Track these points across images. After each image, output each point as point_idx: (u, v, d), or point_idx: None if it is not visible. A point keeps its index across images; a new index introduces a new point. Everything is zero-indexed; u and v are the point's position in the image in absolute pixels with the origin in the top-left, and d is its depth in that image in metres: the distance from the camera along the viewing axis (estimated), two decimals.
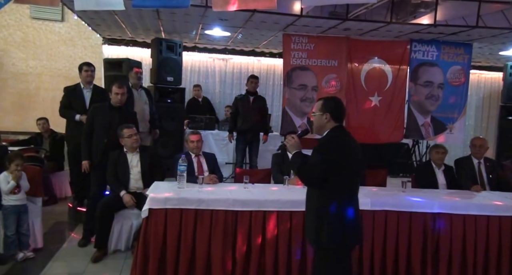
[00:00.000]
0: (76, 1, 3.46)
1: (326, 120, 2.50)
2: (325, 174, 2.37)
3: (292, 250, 3.38)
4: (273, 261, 3.35)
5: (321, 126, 2.53)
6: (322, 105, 2.53)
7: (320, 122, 2.52)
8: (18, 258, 3.77)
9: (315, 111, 2.56)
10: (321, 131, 2.54)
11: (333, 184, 2.40)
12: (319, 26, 5.36)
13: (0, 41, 7.48)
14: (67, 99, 5.05)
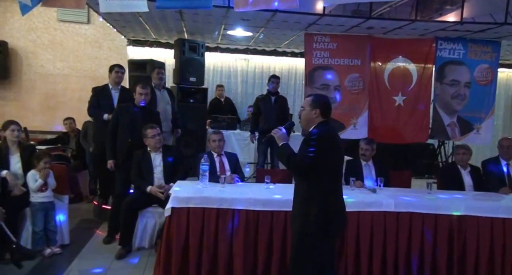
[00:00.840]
0: (101, 3, 3.53)
1: (315, 115, 2.63)
2: (313, 165, 2.50)
3: None
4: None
5: (309, 121, 2.66)
6: (312, 101, 2.66)
7: (309, 116, 2.65)
8: (46, 253, 3.88)
9: (305, 106, 2.68)
10: (309, 125, 2.67)
11: (320, 174, 2.54)
12: (341, 25, 5.31)
13: (28, 43, 7.71)
14: (96, 99, 5.16)
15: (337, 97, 5.80)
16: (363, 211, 3.46)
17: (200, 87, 6.28)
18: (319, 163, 2.50)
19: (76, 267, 3.74)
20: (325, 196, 2.56)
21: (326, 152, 2.52)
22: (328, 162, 2.54)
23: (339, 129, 5.82)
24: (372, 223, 3.46)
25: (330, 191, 2.60)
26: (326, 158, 2.52)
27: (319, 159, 2.49)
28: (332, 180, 2.62)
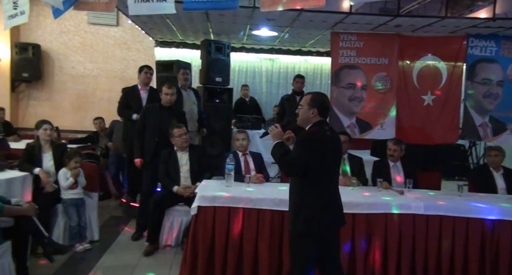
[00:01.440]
0: (130, 6, 3.60)
1: (312, 114, 2.60)
2: (305, 165, 2.48)
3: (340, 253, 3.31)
4: None
5: (306, 119, 2.63)
6: (310, 100, 2.63)
7: (306, 115, 2.62)
8: (77, 249, 4.00)
9: (303, 105, 2.65)
10: (306, 124, 2.64)
11: (312, 175, 2.51)
12: (368, 23, 5.22)
13: (60, 45, 7.95)
14: (125, 99, 5.28)
15: (364, 97, 5.71)
16: (391, 213, 3.40)
17: (226, 87, 6.32)
18: (310, 165, 2.47)
19: (105, 262, 3.83)
20: (316, 197, 2.53)
21: (317, 154, 2.49)
22: (320, 164, 2.51)
23: (366, 129, 5.73)
24: (400, 225, 3.39)
25: (321, 192, 2.55)
26: (317, 159, 2.48)
27: (310, 160, 2.47)
28: (324, 181, 2.57)
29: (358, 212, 3.38)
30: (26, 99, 7.93)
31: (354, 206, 3.39)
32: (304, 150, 2.49)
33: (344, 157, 4.38)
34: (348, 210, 3.33)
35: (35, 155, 4.17)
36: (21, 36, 7.79)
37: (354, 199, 3.49)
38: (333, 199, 2.63)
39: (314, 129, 2.57)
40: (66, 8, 3.75)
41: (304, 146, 2.51)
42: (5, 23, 4.11)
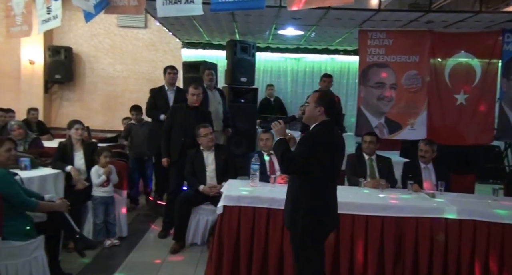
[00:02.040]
0: (158, 8, 3.65)
1: (318, 112, 2.56)
2: (306, 164, 2.45)
3: (368, 256, 3.25)
4: (348, 264, 3.25)
5: (312, 117, 2.60)
6: (317, 98, 2.58)
7: (312, 113, 2.58)
8: (106, 244, 4.09)
9: (310, 102, 2.61)
10: (311, 122, 2.61)
11: (313, 174, 2.48)
12: (398, 19, 5.10)
13: (91, 48, 8.16)
14: (153, 100, 5.37)
15: (393, 96, 5.58)
16: (422, 217, 3.30)
17: (251, 87, 6.32)
18: (311, 164, 2.44)
19: (133, 258, 3.91)
20: (315, 196, 2.50)
21: (320, 153, 2.45)
22: (322, 163, 2.47)
23: (395, 129, 5.60)
24: (431, 230, 3.28)
25: (321, 192, 2.52)
26: (320, 159, 2.45)
27: (312, 159, 2.44)
28: (324, 181, 2.54)
29: (387, 215, 3.29)
30: (59, 100, 8.18)
31: (383, 209, 3.32)
32: (308, 149, 2.46)
33: (372, 158, 4.29)
34: (377, 213, 3.29)
35: (67, 153, 4.29)
36: (54, 40, 8.04)
37: (383, 202, 3.41)
38: (332, 200, 2.60)
39: (320, 128, 2.54)
40: (97, 12, 3.84)
41: (308, 145, 2.48)
42: (39, 27, 4.25)
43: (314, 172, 2.47)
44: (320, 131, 2.53)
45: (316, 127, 2.57)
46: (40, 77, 7.82)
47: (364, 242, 3.27)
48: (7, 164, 3.16)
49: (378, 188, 3.86)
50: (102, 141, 6.25)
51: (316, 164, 2.45)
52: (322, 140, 2.49)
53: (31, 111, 6.49)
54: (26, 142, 4.83)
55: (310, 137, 2.53)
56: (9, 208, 2.96)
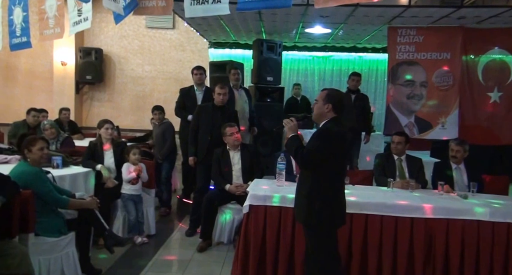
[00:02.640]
0: (186, 9, 3.68)
1: (327, 110, 2.66)
2: (320, 159, 2.56)
3: (398, 258, 3.18)
4: (376, 267, 3.19)
5: (321, 115, 2.70)
6: (326, 96, 2.69)
7: (321, 111, 2.69)
8: (137, 242, 4.17)
9: (318, 100, 2.71)
10: (320, 119, 2.71)
11: (326, 169, 2.60)
12: (429, 16, 4.96)
13: (121, 49, 8.34)
14: (182, 100, 5.46)
15: (424, 94, 5.44)
16: (453, 219, 3.20)
17: (277, 86, 6.30)
18: (324, 159, 2.55)
19: (161, 256, 3.97)
20: (329, 190, 2.62)
21: (332, 149, 2.57)
22: (334, 159, 2.59)
23: (426, 129, 5.46)
24: (463, 232, 3.18)
25: (333, 186, 2.65)
26: (332, 154, 2.57)
27: (325, 154, 2.55)
28: (336, 175, 2.67)
29: (417, 217, 3.21)
30: (89, 100, 8.40)
31: (413, 210, 3.24)
32: (321, 144, 2.55)
33: (401, 158, 4.19)
34: (406, 214, 3.22)
35: (97, 152, 4.40)
36: (85, 41, 8.27)
37: (413, 203, 3.32)
38: (342, 194, 2.74)
39: (331, 125, 2.64)
40: (127, 14, 3.90)
41: (321, 140, 2.57)
42: (70, 29, 4.36)
43: (326, 167, 2.58)
44: (331, 127, 2.63)
45: (327, 123, 2.66)
46: (71, 78, 8.06)
47: (393, 244, 3.20)
48: (40, 162, 3.26)
49: (408, 189, 3.77)
50: (131, 141, 6.37)
51: (327, 159, 2.56)
52: (333, 136, 2.59)
53: (63, 111, 6.69)
54: (58, 141, 4.99)
55: (321, 134, 2.62)
56: (41, 205, 3.06)
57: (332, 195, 2.64)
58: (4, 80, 8.32)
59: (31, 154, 3.18)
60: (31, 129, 5.67)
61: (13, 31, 5.07)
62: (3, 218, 2.68)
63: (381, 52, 7.54)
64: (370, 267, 3.19)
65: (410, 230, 3.20)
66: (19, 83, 8.32)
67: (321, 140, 2.57)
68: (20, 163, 3.30)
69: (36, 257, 2.91)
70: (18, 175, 3.03)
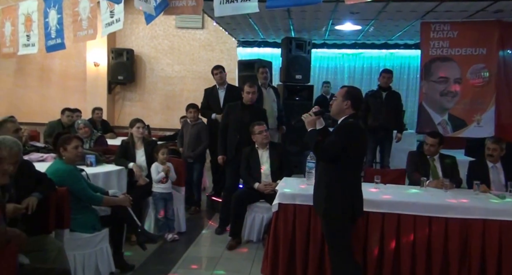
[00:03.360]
0: (215, 8, 3.69)
1: (346, 106, 2.74)
2: (340, 152, 2.62)
3: (432, 259, 3.09)
4: (410, 268, 3.11)
5: (340, 111, 2.77)
6: (345, 93, 2.77)
7: (340, 107, 2.76)
8: (168, 238, 4.23)
9: (337, 97, 2.78)
10: (339, 115, 2.79)
11: (344, 162, 2.67)
12: (464, 10, 4.79)
13: (151, 49, 8.50)
14: (206, 99, 5.52)
15: (458, 91, 5.26)
16: (489, 219, 3.07)
17: (306, 84, 6.24)
18: (344, 153, 2.62)
19: (191, 253, 4.02)
20: (349, 182, 2.71)
21: (353, 143, 2.65)
22: (352, 152, 2.66)
23: (460, 127, 5.29)
24: (500, 233, 3.05)
25: (352, 178, 2.75)
26: (351, 148, 2.64)
27: (344, 149, 2.62)
28: (355, 169, 2.78)
29: (452, 217, 3.11)
30: (121, 100, 8.61)
31: (447, 209, 3.14)
32: (341, 138, 2.63)
33: (434, 157, 4.07)
34: (440, 214, 3.12)
35: (129, 151, 4.50)
36: (116, 42, 8.47)
37: (447, 202, 3.22)
38: (360, 186, 2.82)
39: (351, 120, 2.72)
40: (158, 14, 3.96)
41: (342, 134, 2.66)
42: (103, 30, 4.47)
43: (344, 159, 2.65)
44: (351, 123, 2.72)
45: (347, 119, 2.73)
46: (104, 79, 8.28)
47: (426, 244, 3.12)
48: (75, 160, 3.36)
49: (442, 188, 3.66)
50: (161, 139, 6.48)
51: (348, 153, 2.63)
52: (356, 130, 2.71)
53: (95, 111, 6.87)
54: (91, 140, 5.13)
55: (341, 129, 2.72)
56: (76, 202, 3.15)
57: (351, 186, 2.73)
58: (40, 81, 8.64)
59: (66, 152, 3.28)
60: (66, 129, 5.84)
61: (48, 33, 5.25)
62: (40, 214, 2.76)
63: (414, 48, 7.35)
64: (403, 268, 3.12)
65: (444, 231, 3.11)
66: (54, 84, 8.62)
67: (341, 134, 2.67)
68: (55, 161, 3.41)
69: (71, 252, 2.99)
70: (53, 173, 3.13)
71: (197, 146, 5.28)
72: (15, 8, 5.81)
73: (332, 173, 2.70)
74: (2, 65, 8.53)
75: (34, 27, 5.51)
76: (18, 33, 5.77)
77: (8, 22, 6.01)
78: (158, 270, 3.58)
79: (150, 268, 3.63)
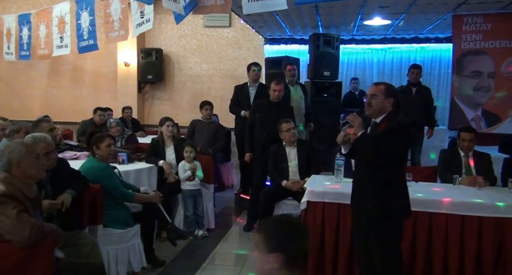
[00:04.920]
0: (244, 6, 3.70)
1: (388, 104, 2.59)
2: (401, 154, 2.61)
3: (465, 259, 3.01)
4: (442, 268, 3.04)
5: (382, 110, 2.61)
6: (386, 90, 2.61)
7: (382, 106, 2.60)
8: (199, 235, 4.29)
9: (378, 95, 2.59)
10: (379, 114, 2.62)
11: (399, 162, 2.63)
12: (498, 1, 4.61)
13: (180, 48, 8.61)
14: (236, 96, 5.54)
15: (492, 86, 5.08)
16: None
17: (334, 81, 6.17)
18: (404, 153, 2.65)
19: (221, 249, 4.07)
20: (400, 180, 2.65)
21: (409, 143, 2.73)
22: (406, 152, 2.72)
23: (494, 122, 5.11)
24: None
25: (404, 176, 2.71)
26: (408, 147, 2.72)
27: (404, 148, 2.64)
28: (403, 169, 2.74)
29: (486, 215, 3.02)
30: (151, 99, 8.76)
31: (481, 208, 3.05)
32: (402, 139, 2.56)
33: (468, 154, 3.95)
34: (474, 212, 3.04)
35: (159, 149, 4.58)
36: (146, 42, 8.62)
37: (482, 200, 3.13)
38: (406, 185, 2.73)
39: (404, 121, 2.77)
40: (187, 13, 4.00)
41: (402, 135, 2.56)
42: (134, 30, 4.57)
43: (400, 160, 2.63)
44: (404, 122, 2.70)
45: (388, 119, 2.59)
46: (134, 78, 8.44)
47: (459, 244, 3.04)
48: (108, 158, 3.46)
49: (475, 186, 3.54)
50: None
51: (403, 152, 2.66)
52: (408, 130, 2.66)
53: (125, 110, 7.02)
54: (123, 139, 5.24)
55: (401, 127, 2.59)
56: (109, 199, 3.24)
57: (404, 184, 2.67)
58: (72, 81, 8.90)
59: (99, 150, 3.38)
60: (98, 127, 6.00)
61: (80, 35, 5.41)
62: (75, 210, 2.86)
63: (445, 42, 7.13)
64: (435, 268, 3.05)
65: (478, 230, 3.02)
66: (86, 84, 8.86)
67: (402, 135, 2.56)
68: (89, 159, 3.52)
69: (104, 247, 3.07)
70: (87, 170, 3.22)
71: (214, 143, 5.33)
72: (49, 11, 6.02)
73: (386, 174, 2.57)
74: (37, 67, 8.83)
75: (67, 29, 5.70)
76: (52, 35, 5.99)
77: (43, 25, 6.24)
78: (188, 265, 3.65)
79: (181, 263, 3.70)
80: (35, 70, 8.90)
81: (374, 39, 7.53)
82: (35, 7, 7.30)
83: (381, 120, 2.62)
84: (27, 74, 8.92)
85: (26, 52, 6.79)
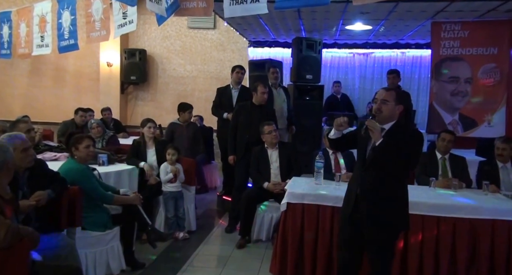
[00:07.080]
0: (225, 9, 3.73)
1: (398, 111, 2.52)
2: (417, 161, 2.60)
3: (439, 259, 3.09)
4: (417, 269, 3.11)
5: (391, 116, 2.53)
6: (397, 96, 2.54)
7: (392, 112, 2.52)
8: (180, 237, 4.27)
9: (389, 100, 2.50)
10: (388, 120, 2.53)
11: (406, 170, 2.61)
12: (475, 10, 4.75)
13: (163, 49, 8.58)
14: (218, 98, 5.56)
15: (469, 91, 5.22)
16: (499, 220, 3.07)
17: (316, 84, 6.25)
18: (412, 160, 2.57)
19: (202, 251, 4.07)
20: (406, 189, 2.60)
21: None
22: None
23: (470, 126, 5.25)
24: (509, 234, 3.04)
25: (406, 186, 2.63)
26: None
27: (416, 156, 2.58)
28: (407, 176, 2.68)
29: (461, 217, 3.11)
30: (134, 99, 8.71)
31: (456, 209, 3.13)
32: (418, 147, 2.56)
33: (445, 157, 4.06)
34: (449, 214, 3.11)
35: (140, 150, 4.56)
36: (129, 43, 8.57)
37: (456, 202, 3.22)
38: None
39: (415, 128, 2.60)
40: (169, 15, 4.00)
41: (417, 142, 2.54)
42: (116, 31, 4.54)
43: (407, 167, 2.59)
44: (416, 130, 2.65)
45: (400, 125, 2.54)
46: (117, 79, 8.38)
47: (434, 245, 3.11)
48: (87, 159, 3.42)
49: (451, 188, 3.64)
50: None
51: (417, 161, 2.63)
52: (421, 137, 2.57)
53: (103, 112, 6.94)
54: (103, 140, 5.21)
55: (417, 135, 2.57)
56: (88, 201, 3.21)
57: (407, 196, 2.63)
58: (54, 81, 8.78)
59: (78, 151, 3.34)
60: (79, 128, 5.93)
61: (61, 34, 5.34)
62: (52, 212, 2.83)
63: (425, 48, 7.29)
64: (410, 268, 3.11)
65: (452, 231, 3.10)
66: (68, 83, 8.76)
67: (417, 142, 2.54)
68: (68, 161, 3.47)
69: (82, 250, 3.04)
70: (66, 172, 3.19)
71: (195, 146, 5.34)
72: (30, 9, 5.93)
73: (394, 182, 2.53)
74: (17, 66, 8.70)
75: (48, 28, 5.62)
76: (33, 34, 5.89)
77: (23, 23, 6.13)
78: (168, 268, 3.64)
79: (161, 266, 3.68)
80: (15, 69, 8.76)
81: (356, 43, 7.65)
82: (16, 5, 7.19)
83: (395, 128, 2.52)
84: (8, 73, 8.78)
85: (7, 50, 6.66)
